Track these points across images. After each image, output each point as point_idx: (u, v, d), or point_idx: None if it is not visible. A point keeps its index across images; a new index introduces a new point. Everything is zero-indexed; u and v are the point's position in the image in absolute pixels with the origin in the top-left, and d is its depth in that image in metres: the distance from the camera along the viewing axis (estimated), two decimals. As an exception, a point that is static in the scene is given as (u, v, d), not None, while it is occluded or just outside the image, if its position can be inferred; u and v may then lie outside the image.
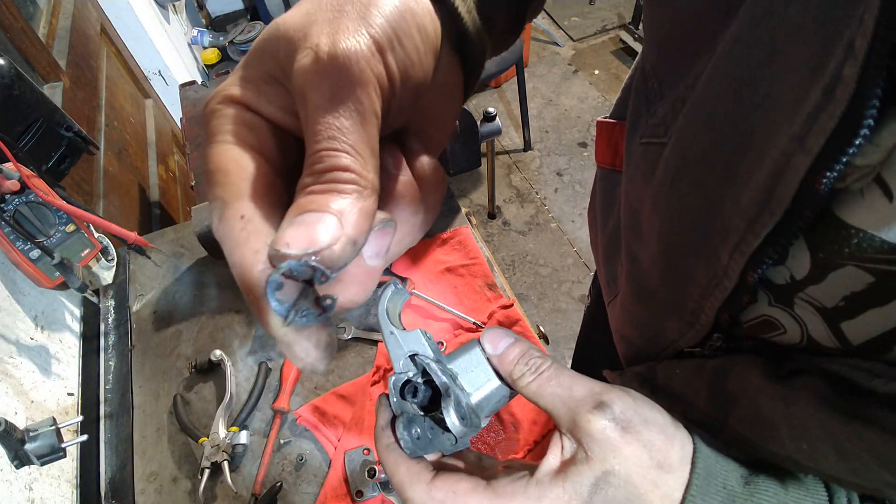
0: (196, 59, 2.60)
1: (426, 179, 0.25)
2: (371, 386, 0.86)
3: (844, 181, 0.21)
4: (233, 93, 0.23)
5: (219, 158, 0.22)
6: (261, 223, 0.20)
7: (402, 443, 0.30)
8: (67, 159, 0.96)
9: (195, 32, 2.64)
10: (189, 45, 2.61)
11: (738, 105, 0.25)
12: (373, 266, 0.22)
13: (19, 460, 0.65)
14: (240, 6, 3.18)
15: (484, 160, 2.16)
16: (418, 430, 0.30)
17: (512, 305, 0.93)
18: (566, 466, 0.27)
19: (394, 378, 0.31)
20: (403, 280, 0.98)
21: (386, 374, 0.88)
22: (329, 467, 0.79)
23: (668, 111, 0.32)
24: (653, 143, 0.34)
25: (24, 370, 0.81)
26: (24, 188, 0.80)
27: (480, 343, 0.31)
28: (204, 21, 3.04)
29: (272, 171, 0.22)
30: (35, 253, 0.81)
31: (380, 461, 0.30)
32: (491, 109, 1.28)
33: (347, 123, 0.19)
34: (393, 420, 0.31)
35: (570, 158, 2.55)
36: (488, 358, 0.30)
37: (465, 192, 2.49)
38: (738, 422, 0.31)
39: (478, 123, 1.02)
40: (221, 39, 2.64)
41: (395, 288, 0.32)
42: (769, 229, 0.24)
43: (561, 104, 2.79)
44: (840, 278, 0.24)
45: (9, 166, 0.79)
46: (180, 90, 1.43)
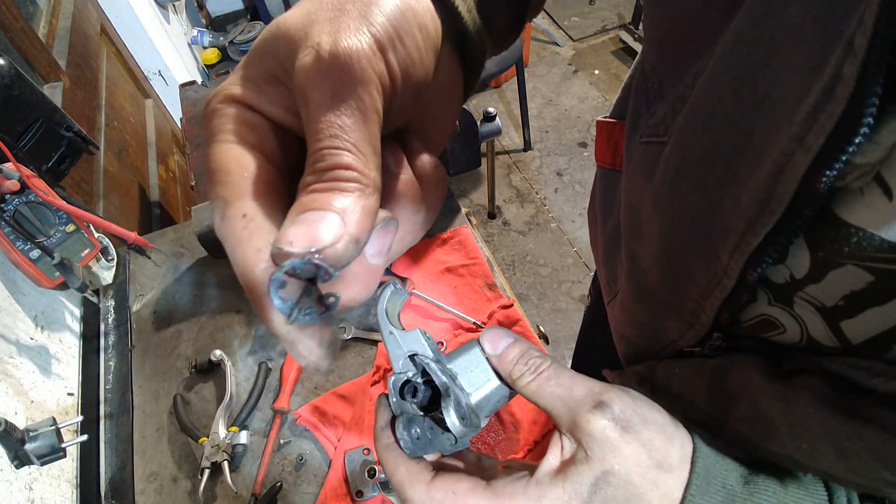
0: (196, 59, 2.60)
1: (427, 178, 0.25)
2: (371, 386, 0.86)
3: (844, 180, 0.21)
4: (234, 92, 0.23)
5: (220, 157, 0.22)
6: (263, 222, 0.20)
7: (402, 443, 0.30)
8: (67, 159, 0.96)
9: (195, 32, 2.64)
10: (189, 45, 2.61)
11: (738, 105, 0.25)
12: (375, 264, 0.22)
13: (19, 460, 0.65)
14: (240, 6, 3.18)
15: (484, 160, 2.16)
16: (418, 430, 0.30)
17: (512, 305, 0.93)
18: (566, 466, 0.27)
19: (393, 378, 0.30)
20: (403, 280, 0.98)
21: (386, 374, 0.88)
22: (329, 467, 0.79)
23: (668, 111, 0.32)
24: (653, 143, 0.34)
25: (24, 370, 0.81)
26: (24, 188, 0.80)
27: (480, 343, 0.31)
28: (204, 21, 3.04)
29: (274, 170, 0.22)
30: (35, 253, 0.81)
31: (379, 461, 0.30)
32: (491, 109, 1.28)
33: (349, 122, 0.19)
34: (393, 420, 0.31)
35: (570, 158, 2.55)
36: (488, 358, 0.30)
37: (465, 192, 2.49)
38: (738, 421, 0.31)
39: (478, 123, 1.02)
40: (221, 39, 2.64)
41: (395, 288, 0.32)
42: (769, 228, 0.24)
43: (561, 104, 2.79)
44: (840, 277, 0.24)
45: (9, 166, 0.79)
46: (180, 90, 1.43)
